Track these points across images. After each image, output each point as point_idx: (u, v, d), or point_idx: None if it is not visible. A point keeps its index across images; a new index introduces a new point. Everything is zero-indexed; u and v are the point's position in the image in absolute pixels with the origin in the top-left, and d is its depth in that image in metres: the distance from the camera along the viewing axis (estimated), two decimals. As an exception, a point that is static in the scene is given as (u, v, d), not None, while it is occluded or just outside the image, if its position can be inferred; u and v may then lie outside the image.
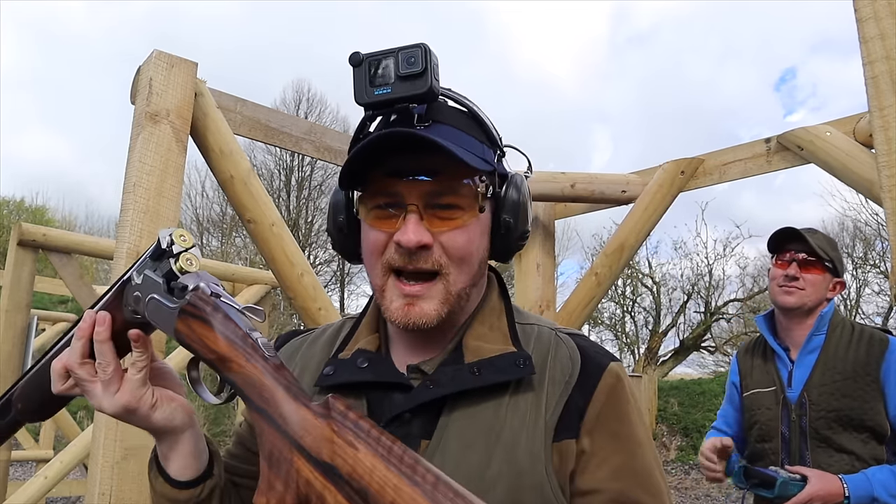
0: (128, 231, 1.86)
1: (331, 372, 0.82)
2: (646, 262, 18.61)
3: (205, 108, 2.11)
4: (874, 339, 1.82)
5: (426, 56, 0.74)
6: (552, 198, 2.82)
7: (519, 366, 0.78)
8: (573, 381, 0.79)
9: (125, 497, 1.76)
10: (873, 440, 1.75)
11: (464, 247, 0.77)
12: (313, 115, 19.57)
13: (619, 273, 2.84)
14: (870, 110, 1.46)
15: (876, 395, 1.74)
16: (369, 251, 0.80)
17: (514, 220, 0.81)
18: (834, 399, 1.77)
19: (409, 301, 0.77)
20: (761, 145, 2.49)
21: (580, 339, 0.85)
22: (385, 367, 0.81)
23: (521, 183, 0.83)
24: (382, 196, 0.77)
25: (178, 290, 0.72)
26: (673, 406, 13.64)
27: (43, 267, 8.32)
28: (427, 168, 0.75)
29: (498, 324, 0.84)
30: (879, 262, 16.82)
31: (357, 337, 0.87)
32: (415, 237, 0.74)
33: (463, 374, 0.78)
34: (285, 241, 2.23)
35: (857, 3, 1.48)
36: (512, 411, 0.77)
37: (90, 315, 0.76)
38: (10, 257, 3.83)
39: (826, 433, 1.77)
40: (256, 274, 4.97)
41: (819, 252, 1.88)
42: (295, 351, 0.92)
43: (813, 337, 1.87)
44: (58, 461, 4.23)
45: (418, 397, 0.77)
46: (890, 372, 1.75)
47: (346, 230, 0.84)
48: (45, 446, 7.05)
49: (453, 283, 0.77)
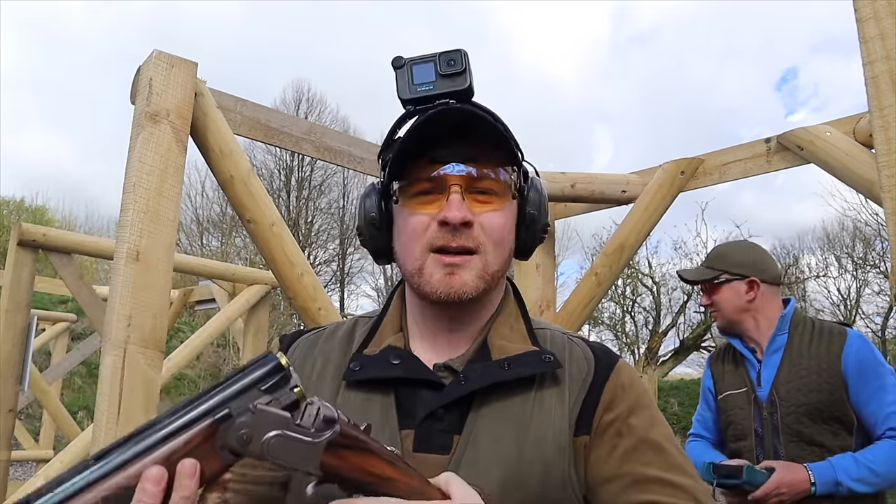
0: (128, 231, 1.86)
1: (357, 367, 0.83)
2: (646, 262, 18.61)
3: (205, 108, 2.11)
4: (833, 332, 1.89)
5: (465, 58, 0.82)
6: (552, 198, 2.82)
7: (545, 360, 0.82)
8: (589, 379, 0.83)
9: (125, 497, 1.76)
10: (843, 431, 1.81)
11: (500, 228, 0.82)
12: (313, 115, 19.58)
13: (619, 273, 2.84)
14: (870, 110, 1.46)
15: (839, 387, 1.81)
16: (409, 234, 0.82)
17: (537, 212, 0.87)
18: (801, 394, 1.85)
19: (450, 270, 0.79)
20: (761, 145, 2.49)
21: (589, 341, 0.90)
22: (416, 364, 0.83)
23: (540, 183, 0.89)
24: (424, 182, 0.81)
25: (317, 422, 0.64)
26: (673, 406, 13.65)
27: (43, 267, 8.32)
28: (466, 156, 0.80)
29: (517, 325, 0.88)
30: (879, 262, 16.84)
31: (381, 334, 0.88)
32: (460, 214, 0.78)
33: (493, 369, 0.81)
34: (285, 241, 2.23)
35: (857, 3, 1.48)
36: (538, 406, 0.81)
37: (157, 474, 0.58)
38: (10, 257, 3.83)
39: (797, 427, 1.84)
40: (256, 274, 4.97)
41: (697, 277, 2.06)
42: (311, 346, 0.91)
43: (776, 337, 1.96)
44: (58, 461, 4.22)
45: (452, 393, 0.80)
46: (849, 363, 1.82)
47: (378, 225, 0.87)
48: (45, 446, 7.04)
49: (491, 263, 0.81)
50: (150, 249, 1.89)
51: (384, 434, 0.78)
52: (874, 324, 17.56)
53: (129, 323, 1.83)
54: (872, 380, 1.79)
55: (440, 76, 0.81)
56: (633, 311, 19.12)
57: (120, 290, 1.83)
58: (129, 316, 1.83)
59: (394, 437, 0.78)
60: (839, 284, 18.01)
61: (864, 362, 1.81)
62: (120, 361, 1.80)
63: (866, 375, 1.80)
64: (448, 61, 0.82)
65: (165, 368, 4.28)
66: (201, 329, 4.84)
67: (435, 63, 0.82)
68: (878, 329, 17.27)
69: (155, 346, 1.87)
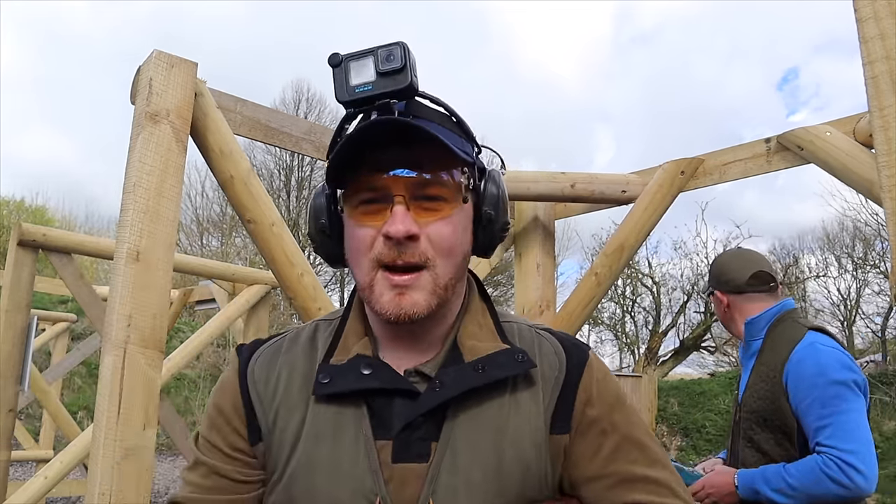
0: (128, 231, 1.86)
1: (327, 380, 0.79)
2: (646, 262, 18.62)
3: (205, 108, 2.11)
4: (790, 339, 1.83)
5: (405, 53, 0.75)
6: (552, 198, 2.82)
7: (518, 360, 0.80)
8: (562, 377, 0.82)
9: (125, 497, 1.76)
10: (785, 440, 1.80)
11: (449, 237, 0.78)
12: (313, 115, 19.58)
13: (619, 273, 2.83)
14: (870, 110, 1.46)
15: (780, 395, 1.79)
16: (356, 248, 0.79)
17: (495, 211, 0.82)
18: (753, 401, 1.86)
19: (399, 291, 0.76)
20: (761, 145, 2.49)
21: (557, 333, 0.89)
22: (389, 373, 0.80)
23: (498, 177, 0.85)
24: (367, 191, 0.77)
25: None
26: (673, 406, 13.63)
27: (43, 267, 8.32)
28: (411, 161, 0.75)
29: (485, 322, 0.86)
30: (879, 262, 16.83)
31: (346, 341, 0.84)
32: (403, 227, 0.74)
33: (467, 373, 0.78)
34: (285, 241, 2.23)
35: (857, 3, 1.48)
36: (514, 406, 0.80)
37: None
38: (10, 257, 3.83)
39: (749, 433, 1.87)
40: (256, 274, 4.96)
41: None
42: (273, 356, 0.86)
43: (751, 342, 1.97)
44: (58, 461, 4.22)
45: (428, 402, 0.77)
46: (790, 371, 1.78)
47: (328, 232, 0.84)
48: (45, 446, 7.04)
49: (441, 276, 0.77)
50: (150, 249, 1.89)
51: (358, 446, 0.77)
52: (874, 324, 17.57)
53: (129, 323, 1.83)
54: (809, 391, 1.72)
55: (379, 74, 0.75)
56: (633, 311, 19.13)
57: (120, 290, 1.83)
58: (129, 316, 1.83)
59: (369, 448, 0.77)
60: (839, 284, 18.02)
61: (804, 371, 1.75)
62: (120, 361, 1.80)
63: (803, 386, 1.74)
64: (387, 56, 0.75)
65: (165, 368, 4.27)
66: (201, 329, 4.84)
67: (374, 58, 0.76)
68: (878, 329, 17.26)
69: (155, 346, 1.87)
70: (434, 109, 0.81)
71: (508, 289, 18.99)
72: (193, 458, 0.87)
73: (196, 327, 13.79)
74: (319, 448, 0.78)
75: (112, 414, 1.77)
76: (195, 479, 0.85)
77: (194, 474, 0.85)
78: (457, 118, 0.82)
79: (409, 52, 0.75)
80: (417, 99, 0.79)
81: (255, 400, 0.83)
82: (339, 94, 0.77)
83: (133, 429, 1.80)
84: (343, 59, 0.77)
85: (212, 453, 0.84)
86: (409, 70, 0.75)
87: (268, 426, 0.82)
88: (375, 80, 0.75)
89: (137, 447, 1.80)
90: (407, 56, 0.75)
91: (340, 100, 0.77)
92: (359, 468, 0.76)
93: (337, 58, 0.77)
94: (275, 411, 0.82)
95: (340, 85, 0.77)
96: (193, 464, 0.86)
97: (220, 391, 0.87)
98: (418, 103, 0.79)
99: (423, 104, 0.80)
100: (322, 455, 0.78)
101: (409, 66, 0.75)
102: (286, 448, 0.80)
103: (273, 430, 0.81)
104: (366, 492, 0.75)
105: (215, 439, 0.84)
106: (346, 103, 0.77)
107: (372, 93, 0.75)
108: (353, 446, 0.77)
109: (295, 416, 0.81)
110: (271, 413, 0.82)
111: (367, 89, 0.76)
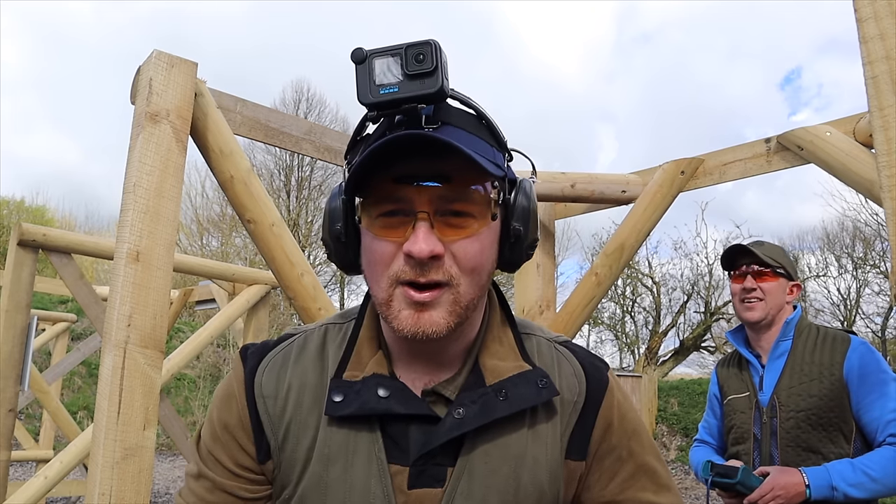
0: (128, 231, 1.86)
1: (339, 398, 0.75)
2: (646, 262, 18.62)
3: (205, 108, 2.11)
4: (837, 339, 1.89)
5: (436, 53, 0.68)
6: (552, 198, 2.82)
7: (541, 386, 0.77)
8: (581, 402, 0.81)
9: (125, 497, 1.76)
10: (841, 438, 1.81)
11: (475, 257, 0.72)
12: (313, 115, 19.56)
13: (619, 273, 2.83)
14: (870, 110, 1.46)
15: (841, 393, 1.81)
16: (375, 263, 0.73)
17: (524, 227, 0.77)
18: (801, 400, 1.84)
19: (419, 308, 0.71)
20: (761, 145, 2.49)
21: (576, 350, 0.86)
22: (407, 395, 0.76)
23: (530, 189, 0.78)
24: (389, 202, 0.71)
25: None
26: (673, 406, 13.63)
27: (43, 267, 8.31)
28: (438, 173, 0.70)
29: (506, 338, 0.82)
30: (879, 262, 16.83)
31: (359, 355, 0.79)
32: (427, 247, 0.68)
33: (489, 401, 0.75)
34: (285, 241, 2.23)
35: (857, 3, 1.48)
36: (533, 433, 0.78)
37: None
38: (10, 257, 3.82)
39: (795, 433, 1.84)
40: (256, 274, 4.96)
41: (768, 261, 1.96)
42: (282, 366, 0.81)
43: (780, 342, 1.96)
44: (58, 461, 4.22)
45: (450, 431, 0.74)
46: (852, 370, 1.81)
47: (344, 239, 0.77)
48: (45, 446, 7.04)
49: (463, 295, 0.72)
50: (150, 249, 1.89)
51: (371, 469, 0.75)
52: (874, 324, 17.56)
53: (129, 323, 1.82)
54: (874, 387, 1.78)
55: (407, 76, 0.68)
56: (633, 311, 19.12)
57: (120, 290, 1.83)
58: (129, 316, 1.83)
59: (383, 473, 0.74)
60: (839, 284, 18.01)
61: (866, 369, 1.80)
62: (120, 361, 1.80)
63: (868, 382, 1.79)
64: (416, 56, 0.68)
65: (165, 368, 4.27)
66: (201, 329, 4.84)
67: (401, 58, 0.69)
68: (878, 329, 17.26)
69: (155, 346, 1.87)
70: (465, 112, 0.75)
71: (508, 289, 19.00)
72: (197, 467, 0.84)
73: (196, 327, 13.79)
74: (330, 470, 0.76)
75: (112, 414, 1.77)
76: (201, 492, 0.82)
77: (199, 486, 0.82)
78: (488, 122, 0.76)
79: (441, 53, 0.69)
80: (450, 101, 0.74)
81: (264, 416, 0.79)
82: (361, 94, 0.70)
83: (133, 429, 1.80)
84: (368, 55, 0.70)
85: (217, 469, 0.81)
86: (441, 73, 0.68)
87: (277, 443, 0.79)
88: (402, 82, 0.69)
89: (137, 447, 1.80)
90: (438, 57, 0.68)
91: (363, 101, 0.70)
92: (371, 493, 0.74)
93: (361, 53, 0.70)
94: (285, 428, 0.78)
95: (364, 84, 0.70)
96: (198, 475, 0.83)
97: (225, 403, 0.82)
98: (448, 107, 0.73)
99: (453, 107, 0.74)
100: (333, 477, 0.76)
101: (440, 67, 0.68)
102: (297, 467, 0.78)
103: (283, 448, 0.78)
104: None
105: (220, 455, 0.81)
106: (369, 105, 0.71)
107: (398, 95, 0.69)
108: (366, 469, 0.75)
109: (307, 434, 0.78)
110: (281, 430, 0.79)
111: (394, 90, 0.69)
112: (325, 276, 18.92)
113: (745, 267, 2.01)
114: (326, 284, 19.06)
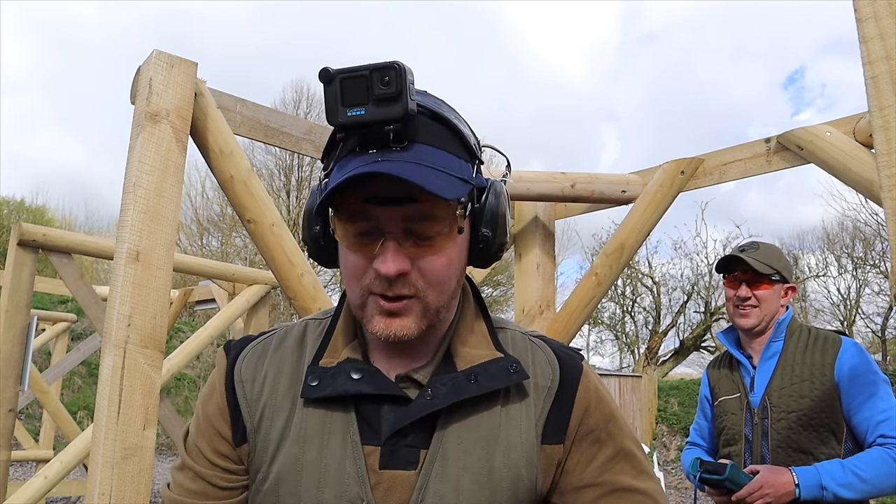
0: (128, 231, 1.86)
1: (315, 382, 0.79)
2: (646, 262, 18.62)
3: (205, 108, 2.11)
4: (828, 340, 1.90)
5: (401, 77, 0.69)
6: (552, 198, 2.82)
7: (511, 371, 0.80)
8: (555, 387, 0.83)
9: (125, 497, 1.76)
10: (832, 439, 1.81)
11: (442, 271, 0.76)
12: (313, 115, 19.56)
13: (619, 273, 2.83)
14: (870, 110, 1.46)
15: (832, 395, 1.81)
16: (348, 273, 0.78)
17: (492, 232, 0.79)
18: (793, 401, 1.85)
19: (390, 315, 0.75)
20: (761, 145, 2.49)
21: (550, 341, 0.88)
22: (379, 378, 0.79)
23: (500, 191, 0.80)
24: (360, 220, 0.74)
25: None
26: (673, 406, 13.64)
27: (43, 267, 8.31)
28: (405, 194, 0.72)
29: (478, 328, 0.85)
30: (879, 262, 16.83)
31: (335, 344, 0.83)
32: (394, 266, 0.72)
33: (460, 383, 0.78)
34: (285, 241, 2.23)
35: (857, 2, 1.48)
36: (506, 417, 0.80)
37: None
38: (10, 257, 3.82)
39: (786, 433, 1.84)
40: (256, 274, 4.96)
41: (764, 270, 1.95)
42: (260, 356, 0.85)
43: (771, 343, 1.97)
44: (58, 461, 4.22)
45: (420, 409, 0.77)
46: (843, 371, 1.82)
47: (323, 241, 0.81)
48: (45, 446, 7.04)
49: (431, 304, 0.76)
50: (150, 249, 1.89)
51: (346, 450, 0.77)
52: (874, 324, 17.56)
53: (129, 323, 1.83)
54: (865, 388, 1.79)
55: (373, 99, 0.69)
56: (633, 311, 19.13)
57: (120, 290, 1.83)
58: (129, 316, 1.83)
59: (357, 454, 0.77)
60: (839, 284, 18.01)
61: (857, 370, 1.81)
62: (120, 361, 1.80)
63: (859, 384, 1.80)
64: (382, 80, 0.69)
65: (165, 368, 4.28)
66: (201, 329, 4.84)
67: (366, 80, 0.69)
68: (878, 329, 17.26)
69: (155, 346, 1.87)
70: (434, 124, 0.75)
71: (508, 289, 18.99)
72: (181, 458, 0.87)
73: (196, 327, 13.80)
74: (306, 451, 0.78)
75: (112, 414, 1.77)
76: (184, 481, 0.85)
77: (182, 476, 0.85)
78: (457, 131, 0.77)
79: (406, 75, 0.69)
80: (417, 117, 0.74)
81: (241, 399, 0.82)
82: (329, 114, 0.71)
83: (133, 429, 1.80)
84: (335, 76, 0.71)
85: (198, 458, 0.84)
86: (406, 96, 0.69)
87: (253, 426, 0.81)
88: (369, 106, 0.70)
89: (137, 447, 1.80)
90: (403, 80, 0.69)
91: (331, 122, 0.72)
92: (345, 473, 0.76)
93: (328, 74, 0.71)
94: (261, 411, 0.81)
95: (332, 104, 0.71)
96: (181, 466, 0.86)
97: (207, 394, 0.86)
98: (415, 123, 0.74)
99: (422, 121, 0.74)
100: (309, 458, 0.78)
101: (405, 91, 0.69)
102: (271, 447, 0.80)
103: (258, 430, 0.81)
104: (352, 497, 0.75)
105: (202, 445, 0.84)
106: (337, 126, 0.72)
107: (364, 119, 0.70)
108: (341, 451, 0.77)
109: (281, 416, 0.80)
110: (257, 413, 0.81)
111: (360, 113, 0.70)
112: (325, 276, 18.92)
113: (739, 273, 2.00)
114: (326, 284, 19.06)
